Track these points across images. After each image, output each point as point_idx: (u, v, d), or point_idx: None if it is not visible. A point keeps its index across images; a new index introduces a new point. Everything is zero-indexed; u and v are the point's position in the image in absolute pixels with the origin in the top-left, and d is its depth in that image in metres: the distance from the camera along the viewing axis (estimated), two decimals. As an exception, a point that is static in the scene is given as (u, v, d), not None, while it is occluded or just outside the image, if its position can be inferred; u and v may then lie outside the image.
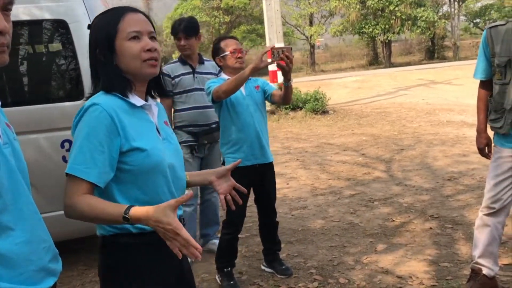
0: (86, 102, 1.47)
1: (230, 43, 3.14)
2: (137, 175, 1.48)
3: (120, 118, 1.46)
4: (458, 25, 30.45)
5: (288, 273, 3.38)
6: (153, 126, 1.57)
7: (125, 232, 1.49)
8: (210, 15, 30.67)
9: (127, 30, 1.49)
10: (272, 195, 3.39)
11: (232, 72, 3.12)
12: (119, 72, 1.51)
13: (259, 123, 3.14)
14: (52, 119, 3.30)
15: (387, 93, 15.16)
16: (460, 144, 7.12)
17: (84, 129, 1.42)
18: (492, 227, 2.85)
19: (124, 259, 1.51)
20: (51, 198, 3.28)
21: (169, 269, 1.60)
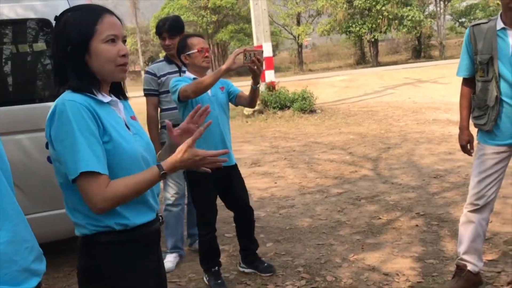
0: (56, 101, 1.43)
1: (197, 41, 3.09)
2: (114, 167, 1.46)
3: (96, 110, 1.45)
4: (444, 24, 30.78)
5: (271, 270, 3.37)
6: (121, 121, 1.56)
7: (107, 230, 1.49)
8: (198, 14, 30.62)
9: (105, 33, 1.47)
10: (244, 195, 3.34)
11: (198, 71, 3.10)
12: (90, 72, 1.49)
13: (223, 125, 3.12)
14: (37, 119, 3.26)
15: (374, 92, 15.27)
16: (446, 142, 7.20)
17: (72, 127, 1.38)
18: (477, 223, 2.89)
19: (106, 258, 1.51)
20: (36, 199, 3.25)
21: (149, 265, 1.61)
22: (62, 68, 1.50)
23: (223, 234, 4.29)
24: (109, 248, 1.50)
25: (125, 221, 1.50)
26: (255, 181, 5.97)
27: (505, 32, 2.65)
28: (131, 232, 1.51)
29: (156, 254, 1.66)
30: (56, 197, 1.67)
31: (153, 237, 1.63)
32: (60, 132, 1.39)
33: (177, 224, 3.75)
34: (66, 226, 3.16)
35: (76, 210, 1.50)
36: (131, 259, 1.54)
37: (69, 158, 1.38)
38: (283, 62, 34.68)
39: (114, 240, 1.50)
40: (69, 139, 1.38)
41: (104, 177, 1.41)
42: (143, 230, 1.56)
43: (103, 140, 1.45)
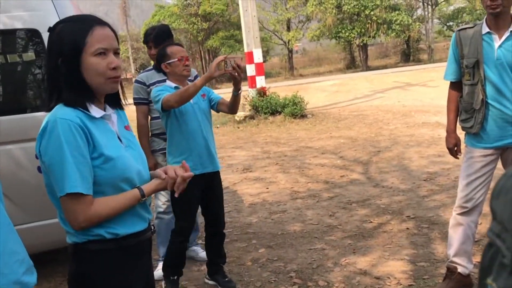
0: (48, 117, 1.44)
1: (177, 50, 3.09)
2: (101, 184, 1.48)
3: (88, 128, 1.46)
4: (432, 28, 31.07)
5: (231, 285, 3.31)
6: (114, 135, 1.57)
7: (98, 239, 1.50)
8: (188, 21, 30.65)
9: (95, 46, 1.46)
10: (221, 204, 3.33)
11: (179, 79, 3.10)
12: (83, 85, 1.48)
13: (206, 131, 3.12)
14: (27, 129, 3.26)
15: (364, 96, 15.36)
16: (436, 144, 7.26)
17: (61, 145, 1.40)
18: (466, 226, 2.92)
19: (97, 266, 1.52)
20: (27, 209, 3.24)
21: (139, 273, 1.63)
22: (54, 80, 1.50)
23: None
24: (99, 256, 1.51)
25: (116, 230, 1.52)
26: (247, 186, 5.98)
27: (490, 36, 2.70)
28: (121, 240, 1.53)
29: (146, 263, 1.68)
30: (47, 207, 1.67)
31: (144, 246, 1.64)
32: (50, 149, 1.41)
33: (169, 232, 3.75)
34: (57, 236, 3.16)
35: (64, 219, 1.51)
36: (121, 267, 1.55)
37: (57, 176, 1.42)
38: (273, 68, 34.79)
39: (104, 248, 1.51)
40: (58, 158, 1.40)
41: (89, 197, 1.45)
42: (134, 239, 1.57)
43: (92, 156, 1.46)
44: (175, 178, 1.60)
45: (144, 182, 1.60)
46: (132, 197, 1.52)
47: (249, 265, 3.69)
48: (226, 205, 4.91)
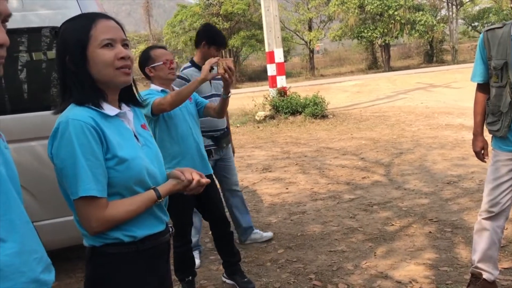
0: (60, 118, 1.41)
1: (161, 52, 3.02)
2: (117, 186, 1.45)
3: (101, 128, 1.43)
4: (457, 28, 30.55)
5: (250, 286, 3.30)
6: (131, 133, 1.54)
7: (116, 242, 1.48)
8: (210, 21, 30.74)
9: (100, 37, 1.44)
10: (220, 205, 3.31)
11: (164, 83, 3.04)
12: (92, 81, 1.46)
13: (196, 135, 3.10)
14: (50, 126, 3.29)
15: (386, 97, 15.18)
16: (459, 147, 7.12)
17: (74, 147, 1.37)
18: (491, 231, 2.84)
19: (114, 269, 1.50)
20: (49, 206, 3.27)
21: (158, 276, 1.61)
22: (64, 80, 1.48)
23: (235, 240, 4.26)
24: (117, 259, 1.49)
25: (133, 233, 1.49)
26: (266, 186, 5.96)
27: (519, 37, 2.62)
28: (140, 243, 1.51)
29: (164, 266, 1.66)
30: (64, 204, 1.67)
31: (162, 248, 1.62)
32: (62, 151, 1.38)
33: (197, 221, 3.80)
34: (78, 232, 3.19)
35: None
36: (139, 270, 1.53)
37: (70, 179, 1.39)
38: (294, 68, 34.68)
39: (123, 251, 1.49)
40: (70, 160, 1.37)
41: (103, 200, 1.42)
42: (152, 241, 1.55)
43: (106, 157, 1.43)
44: (191, 181, 1.56)
45: (159, 183, 1.56)
46: (147, 199, 1.49)
47: (268, 266, 3.66)
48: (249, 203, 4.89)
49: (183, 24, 32.05)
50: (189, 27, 31.34)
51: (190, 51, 33.16)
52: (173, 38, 32.06)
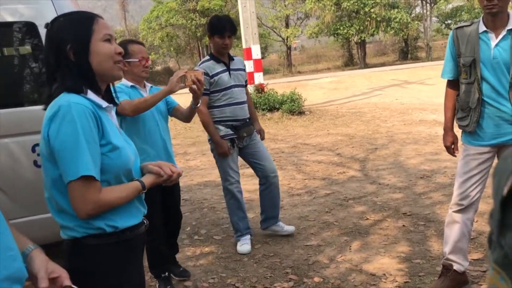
0: (59, 102, 1.45)
1: (138, 49, 3.06)
2: (108, 173, 1.50)
3: (99, 115, 1.49)
4: (430, 26, 31.03)
5: (186, 274, 3.44)
6: (115, 127, 1.60)
7: (98, 233, 1.51)
8: (187, 17, 30.54)
9: (103, 32, 1.54)
10: (178, 204, 3.47)
11: (135, 79, 3.08)
12: (92, 73, 1.53)
13: (164, 131, 3.17)
14: (23, 123, 3.24)
15: (362, 93, 15.36)
16: (433, 142, 7.27)
17: (76, 129, 1.41)
18: (462, 223, 2.92)
19: (95, 261, 1.52)
20: (22, 203, 3.23)
21: (136, 269, 1.65)
22: (56, 71, 1.52)
23: (212, 236, 4.29)
24: (99, 250, 1.52)
25: (115, 223, 1.53)
26: (243, 183, 5.94)
27: (487, 35, 2.70)
28: (120, 234, 1.55)
29: (140, 258, 1.72)
30: (43, 201, 1.67)
31: (139, 239, 1.66)
32: (63, 133, 1.42)
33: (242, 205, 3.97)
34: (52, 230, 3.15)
35: (64, 212, 1.50)
36: (119, 262, 1.57)
37: (69, 159, 1.41)
38: (272, 64, 34.74)
39: (103, 242, 1.52)
40: (72, 141, 1.41)
41: (99, 183, 1.46)
42: (131, 232, 1.59)
43: (101, 143, 1.48)
44: (171, 176, 1.65)
45: (137, 177, 1.64)
46: (134, 188, 1.56)
47: (245, 261, 3.69)
48: (223, 200, 4.91)
49: (160, 20, 31.73)
50: (166, 23, 31.05)
51: (167, 47, 32.90)
52: (149, 34, 31.71)
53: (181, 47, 33.88)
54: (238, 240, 3.93)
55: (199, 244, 4.12)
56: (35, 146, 3.23)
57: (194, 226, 4.59)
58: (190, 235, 4.38)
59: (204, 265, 3.69)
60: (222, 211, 4.89)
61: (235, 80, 3.77)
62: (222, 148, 3.74)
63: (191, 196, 5.59)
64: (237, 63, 3.85)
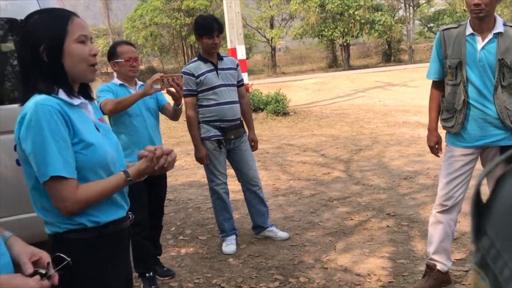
0: (26, 104, 1.44)
1: (126, 50, 3.17)
2: (83, 169, 1.49)
3: (67, 114, 1.47)
4: (413, 29, 31.42)
5: (170, 273, 3.47)
6: (91, 122, 1.59)
7: (79, 228, 1.51)
8: (171, 16, 30.38)
9: (77, 33, 1.50)
10: (163, 200, 3.49)
11: (125, 78, 3.20)
12: (64, 73, 1.50)
13: (151, 128, 3.23)
14: (4, 122, 3.18)
15: (346, 95, 15.46)
16: (416, 144, 7.35)
17: (43, 130, 1.40)
18: (445, 224, 2.95)
19: (78, 255, 1.51)
20: (4, 203, 3.17)
21: (121, 261, 1.66)
22: (30, 71, 1.50)
23: (197, 236, 4.27)
24: (81, 245, 1.52)
25: (97, 218, 1.53)
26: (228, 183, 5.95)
27: (473, 38, 2.73)
28: (102, 228, 1.55)
29: (126, 253, 1.71)
30: (26, 200, 1.65)
31: (124, 235, 1.66)
32: (31, 135, 1.41)
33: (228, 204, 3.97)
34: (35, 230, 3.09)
35: (46, 209, 1.51)
36: (103, 255, 1.57)
37: (39, 161, 1.41)
38: (256, 65, 34.78)
39: (85, 237, 1.52)
40: (39, 143, 1.40)
41: (74, 181, 1.45)
42: (114, 227, 1.59)
43: (73, 142, 1.47)
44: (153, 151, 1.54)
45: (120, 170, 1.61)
46: (117, 179, 1.52)
47: (231, 261, 3.68)
48: (208, 200, 4.89)
49: (144, 18, 31.52)
50: (150, 21, 30.85)
51: (151, 46, 32.68)
52: (133, 33, 31.47)
53: (165, 47, 33.69)
54: (224, 241, 3.92)
55: (184, 244, 4.10)
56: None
57: (179, 226, 4.56)
58: (175, 235, 4.35)
59: (189, 265, 3.66)
60: (207, 211, 4.86)
61: (224, 80, 3.74)
62: (199, 153, 3.73)
63: (176, 196, 5.55)
64: (226, 63, 3.82)
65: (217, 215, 3.97)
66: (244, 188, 4.06)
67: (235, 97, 3.82)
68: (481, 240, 0.53)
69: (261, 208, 4.06)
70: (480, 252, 0.52)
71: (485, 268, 0.51)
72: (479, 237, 0.53)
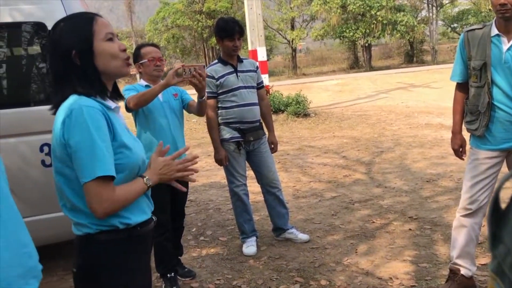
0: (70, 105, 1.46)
1: (149, 50, 3.21)
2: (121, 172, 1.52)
3: (108, 115, 1.51)
4: (436, 29, 30.98)
5: (191, 274, 3.48)
6: (124, 126, 1.63)
7: (111, 229, 1.53)
8: (193, 19, 30.63)
9: (103, 31, 1.54)
10: (184, 201, 3.52)
11: (151, 79, 3.23)
12: (98, 75, 1.54)
13: (175, 130, 3.24)
14: (31, 123, 3.25)
15: (367, 96, 15.33)
16: (439, 146, 7.24)
17: (90, 131, 1.43)
18: (469, 228, 2.90)
19: (108, 255, 1.54)
20: (30, 203, 3.24)
21: (146, 262, 1.69)
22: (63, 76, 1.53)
23: (217, 237, 4.29)
24: (111, 246, 1.54)
25: (128, 220, 1.55)
26: (248, 185, 5.94)
27: (499, 39, 2.68)
28: (132, 230, 1.58)
29: (149, 253, 1.75)
30: (51, 200, 1.68)
31: (148, 236, 1.69)
32: (77, 136, 1.43)
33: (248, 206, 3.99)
34: (60, 229, 3.15)
35: (76, 210, 1.52)
36: (131, 257, 1.59)
37: (86, 161, 1.43)
38: (277, 66, 34.77)
39: (116, 238, 1.54)
40: (87, 143, 1.43)
41: (112, 182, 1.48)
42: (142, 228, 1.62)
43: (113, 143, 1.51)
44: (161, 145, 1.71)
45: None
46: (142, 186, 1.56)
47: (251, 263, 3.68)
48: (228, 202, 4.90)
49: (166, 21, 31.84)
50: (172, 24, 31.15)
51: (173, 48, 32.99)
52: (155, 35, 31.81)
53: (186, 49, 33.95)
54: (244, 242, 3.93)
55: (205, 245, 4.12)
56: (43, 145, 3.24)
57: (200, 227, 4.58)
58: (195, 236, 4.38)
59: (210, 266, 3.68)
60: (228, 213, 4.88)
61: (244, 82, 3.76)
62: (219, 155, 3.75)
63: (197, 197, 5.59)
64: (246, 65, 3.84)
65: (237, 216, 3.98)
66: (264, 190, 4.06)
67: (255, 99, 3.83)
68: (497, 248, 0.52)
69: (281, 210, 4.05)
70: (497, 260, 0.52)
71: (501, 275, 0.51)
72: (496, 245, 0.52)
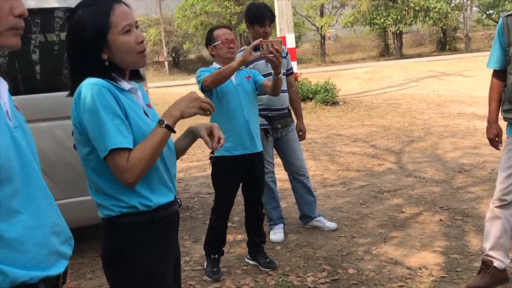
0: (80, 87, 1.47)
1: (222, 32, 3.16)
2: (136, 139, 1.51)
3: (117, 95, 1.51)
4: (471, 16, 30.10)
5: (272, 266, 3.37)
6: (141, 108, 1.61)
7: (132, 212, 1.54)
8: (221, 5, 30.54)
9: (121, 24, 1.50)
10: (261, 185, 3.42)
11: (224, 61, 3.16)
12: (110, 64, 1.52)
13: (248, 113, 3.16)
14: (63, 107, 3.30)
15: (397, 84, 15.06)
16: (471, 136, 7.06)
17: (96, 107, 1.44)
18: (504, 219, 2.83)
19: (131, 238, 1.55)
20: (63, 186, 3.31)
21: (171, 245, 1.68)
22: (78, 64, 1.53)
23: (245, 224, 4.30)
24: (133, 229, 1.55)
25: (148, 202, 1.55)
26: (276, 172, 5.94)
27: (539, 24, 2.57)
28: (154, 212, 1.57)
29: (175, 235, 1.74)
30: (82, 184, 1.71)
31: (173, 218, 1.68)
32: (86, 114, 1.46)
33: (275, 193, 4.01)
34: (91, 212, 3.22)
35: (101, 191, 1.55)
36: (154, 239, 1.60)
37: (98, 138, 1.45)
38: (305, 54, 34.45)
39: (138, 220, 1.55)
40: (96, 121, 1.45)
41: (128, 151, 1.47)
42: (164, 210, 1.61)
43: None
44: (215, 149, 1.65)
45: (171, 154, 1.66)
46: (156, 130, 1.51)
47: (278, 250, 3.69)
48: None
49: (194, 8, 31.86)
50: (200, 11, 31.15)
51: (201, 36, 32.97)
52: (184, 22, 31.90)
53: (215, 36, 33.93)
54: (271, 229, 3.93)
55: (233, 231, 4.14)
56: (75, 130, 3.30)
57: (227, 214, 4.60)
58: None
59: (237, 252, 3.70)
60: (255, 200, 4.88)
61: None
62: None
63: (224, 184, 5.61)
64: None
65: (265, 203, 3.97)
66: (291, 178, 4.04)
67: (284, 86, 3.78)
68: None
69: (308, 198, 4.03)
70: None
71: None
72: None
